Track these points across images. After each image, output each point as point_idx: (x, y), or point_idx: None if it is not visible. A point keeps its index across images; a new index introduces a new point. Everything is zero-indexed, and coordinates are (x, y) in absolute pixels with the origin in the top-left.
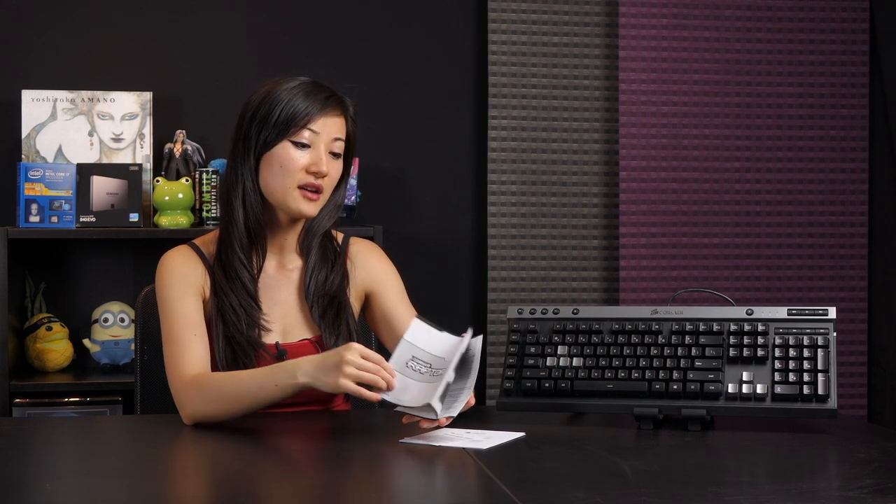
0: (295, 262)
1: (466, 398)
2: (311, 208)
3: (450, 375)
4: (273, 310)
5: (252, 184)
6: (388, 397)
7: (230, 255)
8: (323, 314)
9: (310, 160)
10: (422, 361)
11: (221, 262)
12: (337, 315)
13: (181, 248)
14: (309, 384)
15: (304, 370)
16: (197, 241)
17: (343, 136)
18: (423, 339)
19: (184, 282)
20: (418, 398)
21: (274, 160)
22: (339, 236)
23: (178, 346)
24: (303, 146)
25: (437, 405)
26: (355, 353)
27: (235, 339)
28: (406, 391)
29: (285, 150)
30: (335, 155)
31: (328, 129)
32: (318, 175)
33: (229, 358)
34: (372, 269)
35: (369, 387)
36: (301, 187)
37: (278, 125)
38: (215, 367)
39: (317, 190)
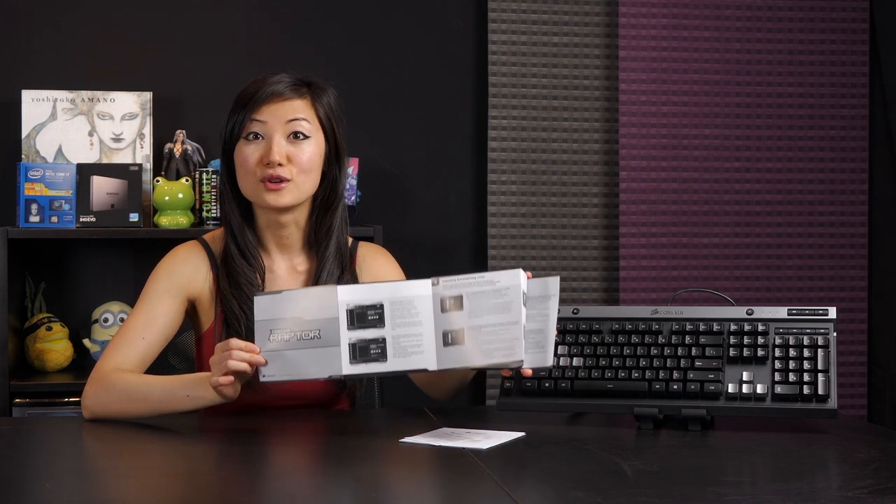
0: (303, 265)
1: (513, 335)
2: (276, 198)
3: (342, 326)
4: None
5: (230, 195)
6: (274, 375)
7: (234, 269)
8: None
9: (262, 152)
10: (281, 329)
11: (227, 270)
12: None
13: (190, 244)
14: (216, 400)
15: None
16: (207, 237)
17: (304, 115)
18: (269, 310)
19: (172, 282)
20: (318, 365)
21: (237, 163)
22: (349, 241)
23: (121, 340)
24: (254, 137)
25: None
26: (216, 353)
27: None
28: (292, 364)
29: (239, 148)
30: (299, 136)
31: (278, 115)
32: (271, 164)
33: None
34: (378, 270)
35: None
36: (263, 180)
37: (230, 128)
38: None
39: (279, 179)
